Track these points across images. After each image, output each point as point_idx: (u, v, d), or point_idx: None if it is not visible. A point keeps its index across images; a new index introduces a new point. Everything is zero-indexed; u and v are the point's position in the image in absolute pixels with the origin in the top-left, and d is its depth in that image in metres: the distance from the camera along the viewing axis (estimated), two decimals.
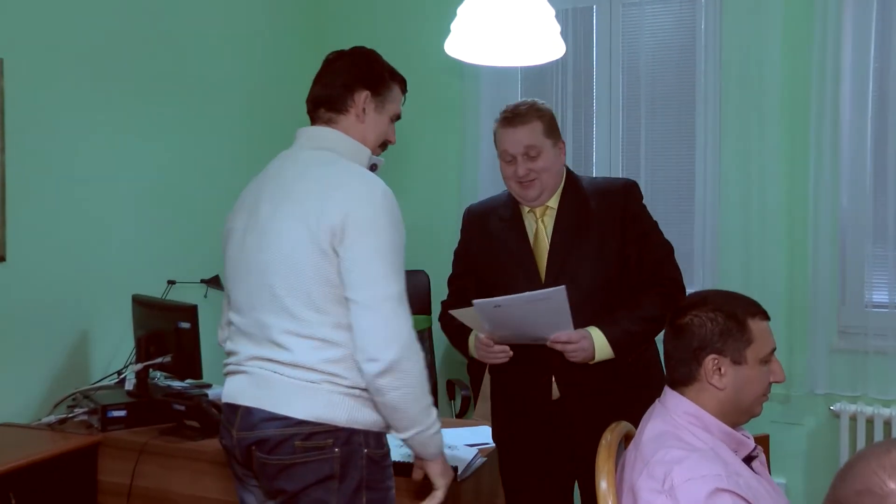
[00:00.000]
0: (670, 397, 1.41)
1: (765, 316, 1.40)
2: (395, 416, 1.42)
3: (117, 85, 2.63)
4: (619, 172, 3.17)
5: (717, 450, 1.33)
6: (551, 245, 1.85)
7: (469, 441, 2.13)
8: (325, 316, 1.41)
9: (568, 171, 1.92)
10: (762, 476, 1.41)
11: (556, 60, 2.47)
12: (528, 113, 1.85)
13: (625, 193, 1.88)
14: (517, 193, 1.88)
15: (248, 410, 1.45)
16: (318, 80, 1.59)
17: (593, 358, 1.77)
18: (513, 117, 1.85)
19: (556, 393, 1.85)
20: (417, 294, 3.09)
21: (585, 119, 3.27)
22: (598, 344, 1.77)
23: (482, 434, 2.19)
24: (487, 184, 3.30)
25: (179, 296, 2.56)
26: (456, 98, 3.37)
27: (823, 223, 2.75)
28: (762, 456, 1.46)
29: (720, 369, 1.36)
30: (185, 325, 2.19)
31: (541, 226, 1.88)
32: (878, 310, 2.78)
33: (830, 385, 2.80)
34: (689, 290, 1.94)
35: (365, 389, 1.42)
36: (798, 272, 2.82)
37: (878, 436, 2.70)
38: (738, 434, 1.39)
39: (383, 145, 1.62)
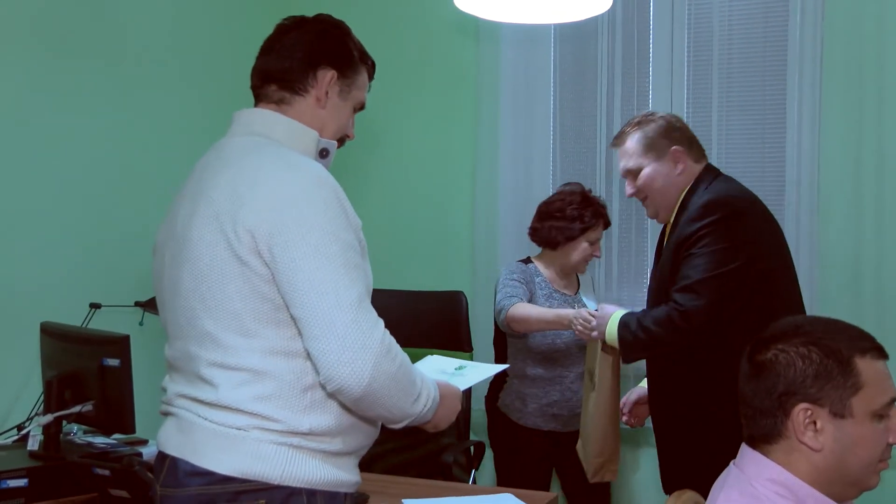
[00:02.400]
0: (749, 459, 1.41)
1: (880, 353, 1.39)
2: (380, 418, 1.54)
3: (23, 48, 2.65)
4: None
5: None
6: (653, 266, 2.44)
7: None
8: (253, 340, 1.46)
9: (700, 177, 2.34)
10: None
11: (601, 15, 2.49)
12: (625, 131, 2.37)
13: (693, 215, 2.25)
14: None
15: (174, 462, 1.50)
16: (269, 49, 1.64)
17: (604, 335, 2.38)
18: (616, 137, 2.41)
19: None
20: (448, 324, 3.20)
21: (640, 91, 3.32)
22: (611, 324, 2.34)
23: None
24: (509, 181, 3.39)
25: (106, 324, 2.56)
26: (469, 67, 3.45)
27: None
28: None
29: (815, 423, 1.35)
30: (113, 361, 2.19)
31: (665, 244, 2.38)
32: None
33: None
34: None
35: (307, 434, 1.46)
36: None
37: None
38: None
39: (341, 140, 1.69)
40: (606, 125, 3.36)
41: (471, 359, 3.14)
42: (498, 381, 3.00)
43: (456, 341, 3.16)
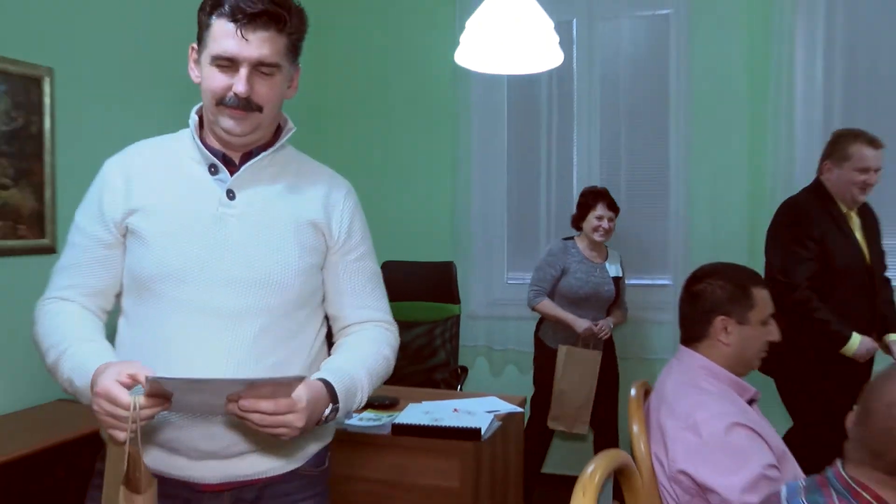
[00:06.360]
0: (686, 353, 1.75)
1: (766, 285, 1.73)
2: None
3: (163, 91, 3.01)
4: (597, 175, 3.86)
5: (726, 394, 1.68)
6: (868, 245, 2.89)
7: (486, 408, 2.59)
8: None
9: None
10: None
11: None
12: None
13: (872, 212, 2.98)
14: (853, 197, 2.88)
15: None
16: None
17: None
18: (878, 143, 2.90)
19: None
20: (443, 285, 3.64)
21: (565, 125, 3.85)
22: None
23: (492, 403, 2.67)
24: (477, 184, 3.97)
25: None
26: (449, 104, 4.00)
27: None
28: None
29: (726, 328, 1.69)
30: None
31: (853, 224, 2.90)
32: None
33: None
34: (662, 277, 3.12)
35: None
36: (760, 258, 3.12)
37: None
38: (743, 381, 1.73)
39: (227, 100, 1.39)
40: (546, 148, 3.88)
41: (458, 309, 3.70)
42: (539, 318, 3.52)
43: (449, 297, 3.66)
